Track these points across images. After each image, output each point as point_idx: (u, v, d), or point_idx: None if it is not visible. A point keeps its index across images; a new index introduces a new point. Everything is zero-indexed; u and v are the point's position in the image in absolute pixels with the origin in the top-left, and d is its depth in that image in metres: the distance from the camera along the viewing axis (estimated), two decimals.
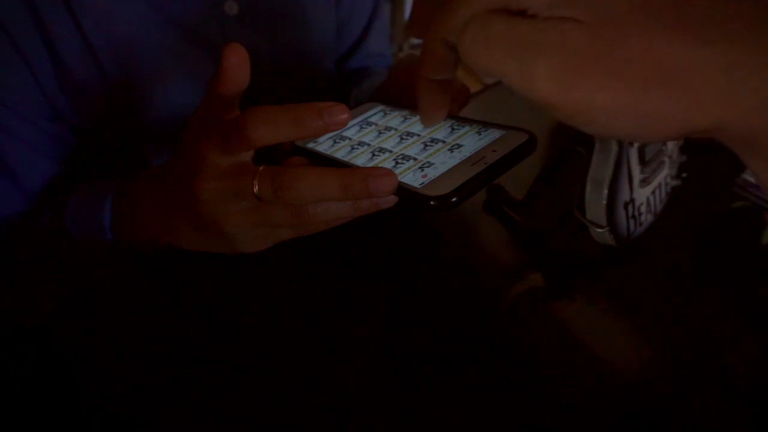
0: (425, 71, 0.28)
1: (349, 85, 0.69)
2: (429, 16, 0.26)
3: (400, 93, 0.44)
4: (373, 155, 0.34)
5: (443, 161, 0.31)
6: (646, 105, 0.20)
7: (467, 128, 0.34)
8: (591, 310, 0.41)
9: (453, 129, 0.35)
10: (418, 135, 0.35)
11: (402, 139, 0.35)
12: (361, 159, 0.34)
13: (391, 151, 0.34)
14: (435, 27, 0.25)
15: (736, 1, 0.19)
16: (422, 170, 0.31)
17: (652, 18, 0.19)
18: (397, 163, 0.32)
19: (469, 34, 0.23)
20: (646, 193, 0.43)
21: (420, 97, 0.30)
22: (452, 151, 0.32)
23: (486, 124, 0.34)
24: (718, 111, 0.19)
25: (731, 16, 0.19)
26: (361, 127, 0.38)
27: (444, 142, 0.33)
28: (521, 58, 0.21)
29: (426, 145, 0.33)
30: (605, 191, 0.39)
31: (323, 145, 0.36)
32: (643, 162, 0.41)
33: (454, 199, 0.28)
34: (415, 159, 0.32)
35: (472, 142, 0.33)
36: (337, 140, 0.36)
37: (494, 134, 0.33)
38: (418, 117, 0.37)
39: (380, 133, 0.36)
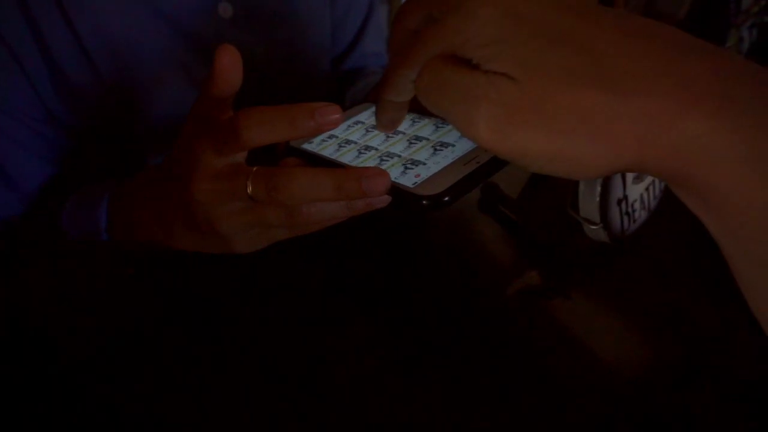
0: (386, 95, 0.30)
1: (345, 85, 0.70)
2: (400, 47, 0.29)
3: None
4: (360, 153, 0.34)
5: (436, 161, 0.31)
6: (572, 151, 0.22)
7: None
8: (586, 307, 0.41)
9: (438, 127, 0.35)
10: (412, 135, 0.35)
11: (388, 137, 0.35)
12: (355, 159, 0.34)
13: (376, 149, 0.34)
14: (398, 63, 0.27)
15: (652, 58, 0.21)
16: (415, 170, 0.31)
17: (575, 75, 0.22)
18: (382, 161, 0.33)
19: (424, 80, 0.26)
20: (640, 190, 0.43)
21: (379, 111, 0.32)
22: (444, 151, 0.32)
23: None
24: (637, 154, 0.21)
25: (645, 72, 0.21)
26: (356, 128, 0.38)
27: (428, 139, 0.34)
28: (464, 108, 0.24)
29: (433, 149, 0.34)
30: (598, 188, 0.39)
31: (317, 146, 0.36)
32: None
33: (446, 199, 0.29)
34: (407, 158, 0.32)
35: (464, 141, 0.33)
36: (331, 140, 0.36)
37: None
38: (412, 115, 0.37)
39: (374, 132, 0.36)
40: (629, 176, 0.41)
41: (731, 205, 0.20)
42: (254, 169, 0.30)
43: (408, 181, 0.30)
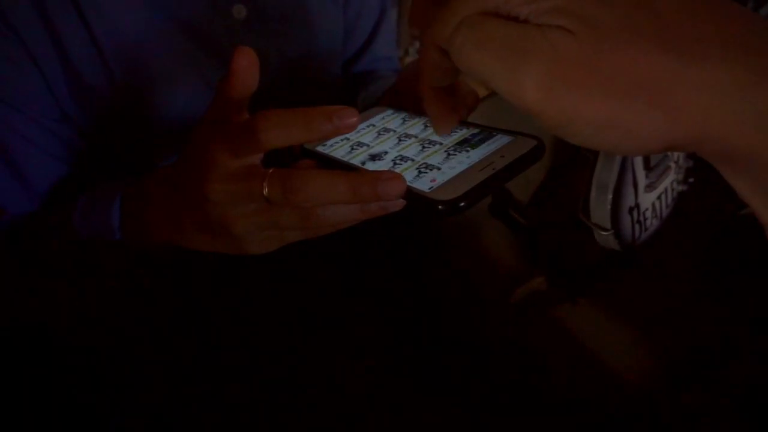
0: (427, 80, 0.28)
1: (356, 88, 0.70)
2: (425, 16, 0.26)
3: (408, 99, 0.45)
4: (379, 158, 0.34)
5: (452, 166, 0.32)
6: (628, 118, 0.20)
7: (465, 131, 0.35)
8: (594, 314, 0.41)
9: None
10: (432, 141, 0.35)
11: (415, 144, 0.35)
12: (370, 162, 0.34)
13: (387, 152, 0.34)
14: (430, 33, 0.25)
15: (716, 22, 0.19)
16: (430, 174, 0.31)
17: (638, 35, 0.20)
18: (395, 164, 0.33)
19: (459, 36, 0.23)
20: (652, 198, 0.43)
21: (427, 107, 0.30)
22: (460, 156, 0.32)
23: (494, 130, 0.34)
24: (697, 127, 0.20)
25: (712, 36, 0.19)
26: (370, 131, 0.38)
27: (441, 143, 0.34)
28: (510, 64, 0.21)
29: (446, 153, 0.34)
30: (609, 196, 0.39)
31: (332, 148, 0.36)
32: (648, 167, 0.41)
33: (462, 204, 0.29)
34: (425, 163, 0.32)
35: (480, 147, 0.33)
36: (346, 143, 0.37)
37: (503, 140, 0.33)
38: (427, 119, 0.37)
39: (388, 136, 0.37)
40: (641, 184, 0.41)
41: None
42: (270, 171, 0.30)
43: (424, 185, 0.30)
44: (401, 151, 0.34)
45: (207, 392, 0.34)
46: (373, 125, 0.39)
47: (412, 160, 0.33)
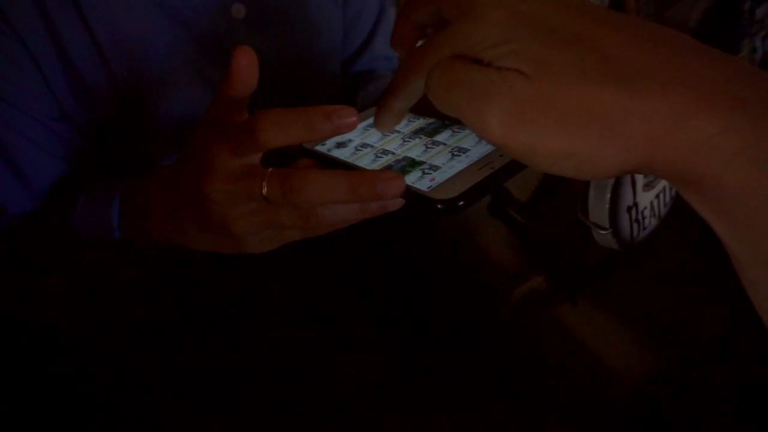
0: (393, 100, 0.30)
1: (355, 88, 0.70)
2: (408, 38, 0.29)
3: None
4: (376, 156, 0.34)
5: (451, 165, 0.32)
6: (583, 149, 0.22)
7: (468, 132, 0.35)
8: (594, 314, 0.41)
9: (454, 132, 0.35)
10: (428, 140, 0.35)
11: (405, 142, 0.35)
12: (368, 161, 0.34)
13: (394, 153, 0.34)
14: (407, 67, 0.27)
15: (659, 58, 0.21)
16: (430, 174, 0.31)
17: (587, 73, 0.22)
18: (398, 164, 0.33)
19: (434, 78, 0.25)
20: (650, 197, 0.43)
21: (382, 112, 0.32)
22: (459, 156, 0.33)
23: None
24: (647, 154, 0.21)
25: (655, 71, 0.21)
26: (370, 131, 0.38)
27: (445, 144, 0.34)
28: (475, 104, 0.23)
29: (427, 147, 0.34)
30: (608, 195, 0.39)
31: (330, 148, 0.36)
32: None
33: (461, 203, 0.29)
34: (422, 162, 0.33)
35: (479, 146, 0.33)
36: (345, 143, 0.37)
37: None
38: (427, 120, 0.37)
39: (388, 135, 0.37)
40: (639, 183, 0.41)
41: (742, 205, 0.20)
42: (269, 170, 0.30)
43: (423, 185, 0.30)
44: (406, 152, 0.34)
45: (206, 391, 0.34)
46: (373, 125, 0.39)
47: (414, 160, 0.33)
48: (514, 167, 0.31)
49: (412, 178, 0.31)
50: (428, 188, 0.30)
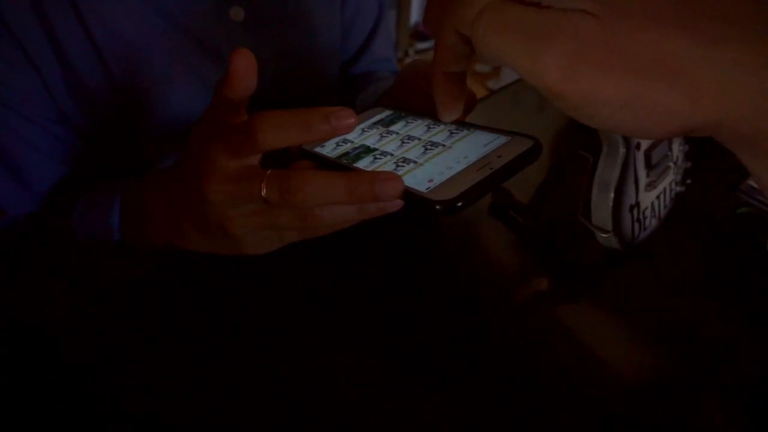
0: (440, 64, 0.28)
1: (354, 90, 0.70)
2: (442, 12, 0.26)
3: (408, 98, 0.45)
4: (377, 159, 0.34)
5: (449, 166, 0.32)
6: (649, 99, 0.20)
7: (466, 132, 0.35)
8: (595, 314, 0.41)
9: (452, 133, 0.35)
10: (434, 142, 0.35)
11: (404, 143, 0.35)
12: (367, 163, 0.34)
13: (392, 155, 0.34)
14: (449, 17, 0.25)
15: (738, 4, 0.19)
16: (428, 175, 0.31)
17: (659, 15, 0.20)
18: (398, 166, 0.33)
19: (482, 21, 0.23)
20: (651, 198, 0.43)
21: (436, 90, 0.30)
22: (458, 157, 0.32)
23: (491, 130, 0.34)
24: (719, 109, 0.20)
25: (735, 17, 0.19)
26: (368, 132, 0.38)
27: (444, 145, 0.34)
28: (532, 47, 0.22)
29: (426, 149, 0.34)
30: (611, 194, 0.39)
31: (330, 149, 0.36)
32: (649, 166, 0.41)
33: (459, 204, 0.29)
34: (421, 164, 0.33)
35: (477, 147, 0.33)
36: (344, 144, 0.37)
37: (499, 140, 0.33)
38: (426, 121, 0.37)
39: (387, 137, 0.37)
40: (642, 182, 0.41)
41: None
42: (268, 171, 0.30)
43: (421, 186, 0.30)
44: (404, 153, 0.34)
45: (205, 391, 0.34)
46: (371, 126, 0.39)
47: (415, 162, 0.33)
48: (512, 168, 0.31)
49: (410, 179, 0.31)
50: (426, 189, 0.30)
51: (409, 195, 0.30)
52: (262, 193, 0.30)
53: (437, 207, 0.29)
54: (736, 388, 0.35)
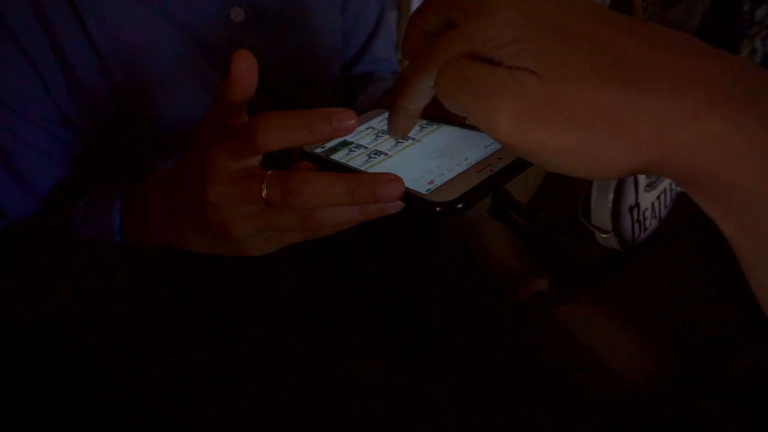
0: (402, 101, 0.30)
1: (355, 91, 0.70)
2: (417, 47, 0.29)
3: None
4: (369, 157, 0.34)
5: (449, 168, 0.32)
6: (591, 147, 0.22)
7: (475, 135, 0.35)
8: (595, 314, 0.41)
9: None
10: (432, 143, 0.35)
11: (398, 143, 0.35)
12: (367, 164, 0.34)
13: (402, 159, 0.34)
14: (416, 66, 0.27)
15: (669, 59, 0.21)
16: (429, 177, 0.31)
17: (597, 73, 0.22)
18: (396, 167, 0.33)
19: (444, 77, 0.26)
20: (651, 198, 0.43)
21: (392, 118, 0.32)
22: (458, 158, 0.33)
23: None
24: (657, 153, 0.21)
25: (664, 72, 0.21)
26: (368, 133, 0.38)
27: (453, 148, 0.34)
28: (484, 103, 0.24)
29: (441, 154, 0.34)
30: (611, 195, 0.39)
31: (330, 151, 0.36)
32: None
33: (459, 206, 0.29)
34: (427, 167, 0.33)
35: (478, 149, 0.33)
36: (344, 146, 0.37)
37: None
38: (430, 126, 0.37)
39: (378, 136, 0.37)
40: (642, 183, 0.41)
41: (750, 204, 0.20)
42: (269, 172, 0.30)
43: (421, 187, 0.30)
44: (395, 152, 0.34)
45: (205, 391, 0.34)
46: (372, 127, 0.39)
47: (405, 160, 0.33)
48: (512, 170, 0.31)
49: (415, 183, 0.31)
50: (427, 191, 0.30)
51: (410, 196, 0.30)
52: (263, 194, 0.30)
53: (438, 209, 0.29)
54: (736, 388, 0.35)
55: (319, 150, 0.37)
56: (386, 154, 0.34)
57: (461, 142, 0.34)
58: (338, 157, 0.35)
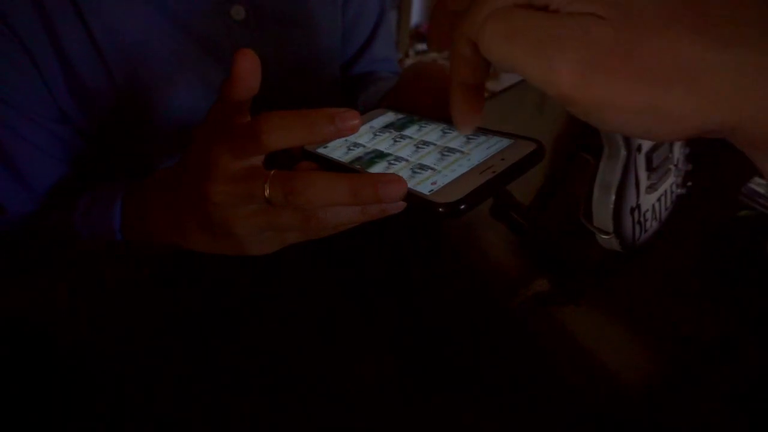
0: (458, 76, 0.28)
1: (355, 90, 0.70)
2: (445, 31, 0.26)
3: (410, 99, 0.45)
4: (375, 159, 0.34)
5: (452, 169, 0.32)
6: (664, 103, 0.20)
7: (476, 136, 0.35)
8: (596, 316, 0.41)
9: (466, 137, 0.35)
10: (432, 143, 0.35)
11: (418, 148, 0.35)
12: (370, 164, 0.34)
13: (405, 159, 0.34)
14: (460, 29, 0.25)
15: (753, 7, 0.19)
16: (431, 177, 0.31)
17: (672, 19, 0.20)
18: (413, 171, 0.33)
19: (488, 28, 0.23)
20: (652, 200, 0.43)
21: (453, 103, 0.29)
22: (461, 159, 0.32)
23: (494, 133, 0.34)
24: (735, 111, 0.19)
25: (746, 21, 0.19)
26: (371, 133, 0.38)
27: (462, 152, 0.34)
28: (542, 53, 0.21)
29: (443, 155, 0.34)
30: (612, 196, 0.39)
31: (333, 150, 0.36)
32: (650, 168, 0.41)
33: (462, 207, 0.29)
34: (430, 168, 0.32)
35: (480, 150, 0.33)
36: (347, 145, 0.37)
37: (502, 143, 0.33)
38: (430, 125, 0.37)
39: (392, 139, 0.37)
40: (643, 184, 0.41)
41: None
42: (271, 172, 0.30)
43: (424, 188, 0.30)
44: (399, 152, 0.34)
45: (205, 391, 0.34)
46: (374, 127, 0.39)
47: (408, 161, 0.33)
48: (515, 171, 0.31)
49: (413, 181, 0.31)
50: (429, 191, 0.30)
51: (412, 197, 0.30)
52: (266, 194, 0.30)
53: (440, 209, 0.29)
54: (736, 389, 0.35)
55: (321, 150, 0.36)
56: (390, 155, 0.34)
57: (464, 143, 0.34)
58: (341, 157, 0.35)
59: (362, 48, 0.72)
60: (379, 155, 0.35)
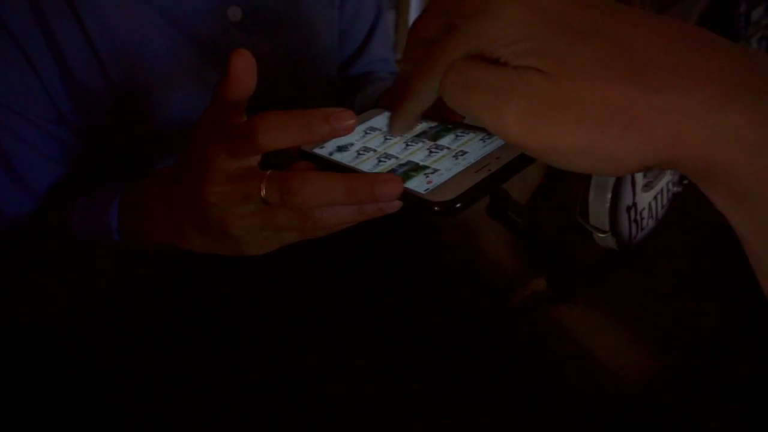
0: (407, 104, 0.30)
1: (353, 91, 0.70)
2: (419, 56, 0.28)
3: None
4: (379, 161, 0.34)
5: (448, 168, 0.32)
6: (603, 144, 0.22)
7: (472, 135, 0.35)
8: (593, 314, 0.41)
9: (457, 136, 0.35)
10: (425, 142, 0.35)
11: (408, 145, 0.35)
12: (367, 164, 0.34)
13: (397, 157, 0.34)
14: (420, 70, 0.27)
15: (683, 52, 0.21)
16: (427, 176, 0.31)
17: (609, 68, 0.21)
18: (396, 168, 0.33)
19: (449, 79, 0.25)
20: (648, 198, 0.43)
21: (395, 119, 0.32)
22: (457, 158, 0.33)
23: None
24: (670, 147, 0.21)
25: (678, 65, 0.21)
26: (367, 133, 0.38)
27: (449, 149, 0.34)
28: (493, 104, 0.23)
29: (431, 152, 0.34)
30: (608, 195, 0.39)
31: (329, 150, 0.36)
32: None
33: (458, 205, 0.29)
34: (426, 167, 0.33)
35: (476, 149, 0.33)
36: (343, 145, 0.37)
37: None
38: (427, 124, 0.37)
39: (386, 138, 0.37)
40: (639, 183, 0.41)
41: (763, 197, 0.20)
42: (268, 172, 0.30)
43: (420, 187, 0.30)
44: (409, 156, 0.34)
45: (205, 392, 0.34)
46: (371, 127, 0.39)
47: (417, 164, 0.33)
48: (511, 170, 0.31)
49: (414, 182, 0.31)
50: (425, 190, 0.30)
51: (408, 196, 0.30)
52: (262, 194, 0.30)
53: (436, 208, 0.29)
54: (735, 388, 0.35)
55: (317, 150, 0.37)
56: (396, 157, 0.35)
57: (459, 142, 0.35)
58: (337, 156, 0.35)
59: (359, 48, 0.72)
60: (376, 154, 0.35)
